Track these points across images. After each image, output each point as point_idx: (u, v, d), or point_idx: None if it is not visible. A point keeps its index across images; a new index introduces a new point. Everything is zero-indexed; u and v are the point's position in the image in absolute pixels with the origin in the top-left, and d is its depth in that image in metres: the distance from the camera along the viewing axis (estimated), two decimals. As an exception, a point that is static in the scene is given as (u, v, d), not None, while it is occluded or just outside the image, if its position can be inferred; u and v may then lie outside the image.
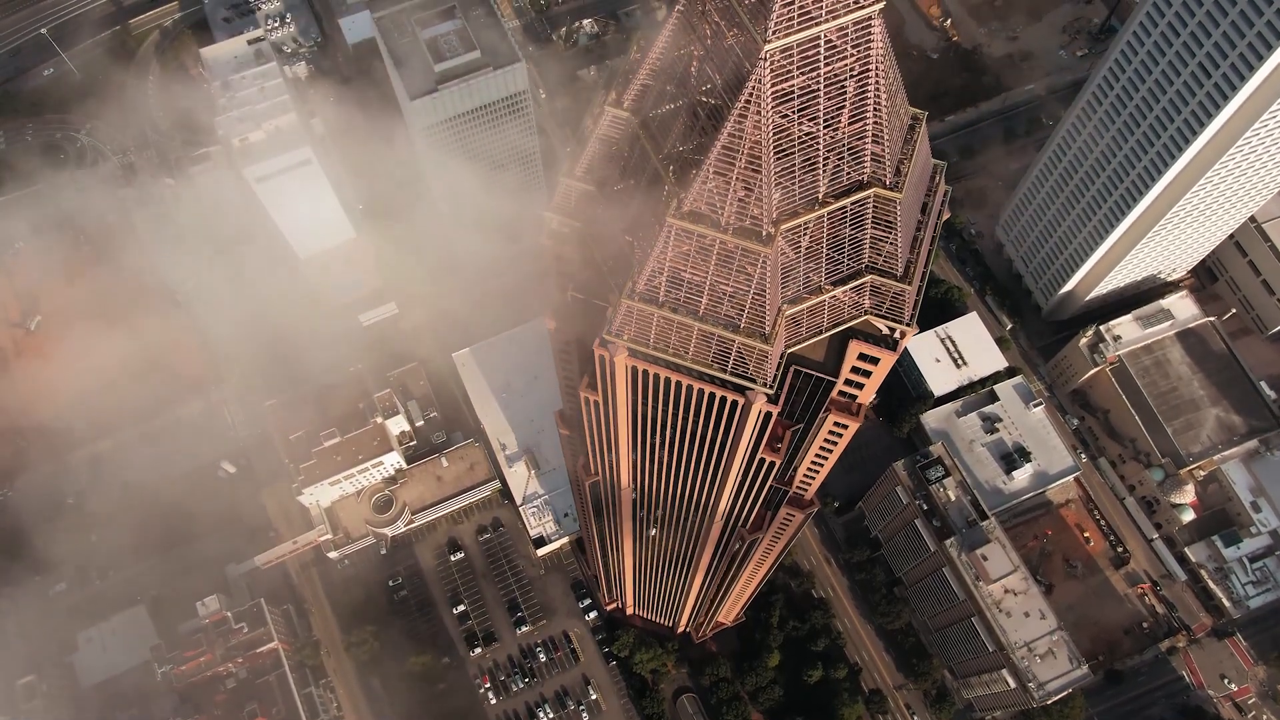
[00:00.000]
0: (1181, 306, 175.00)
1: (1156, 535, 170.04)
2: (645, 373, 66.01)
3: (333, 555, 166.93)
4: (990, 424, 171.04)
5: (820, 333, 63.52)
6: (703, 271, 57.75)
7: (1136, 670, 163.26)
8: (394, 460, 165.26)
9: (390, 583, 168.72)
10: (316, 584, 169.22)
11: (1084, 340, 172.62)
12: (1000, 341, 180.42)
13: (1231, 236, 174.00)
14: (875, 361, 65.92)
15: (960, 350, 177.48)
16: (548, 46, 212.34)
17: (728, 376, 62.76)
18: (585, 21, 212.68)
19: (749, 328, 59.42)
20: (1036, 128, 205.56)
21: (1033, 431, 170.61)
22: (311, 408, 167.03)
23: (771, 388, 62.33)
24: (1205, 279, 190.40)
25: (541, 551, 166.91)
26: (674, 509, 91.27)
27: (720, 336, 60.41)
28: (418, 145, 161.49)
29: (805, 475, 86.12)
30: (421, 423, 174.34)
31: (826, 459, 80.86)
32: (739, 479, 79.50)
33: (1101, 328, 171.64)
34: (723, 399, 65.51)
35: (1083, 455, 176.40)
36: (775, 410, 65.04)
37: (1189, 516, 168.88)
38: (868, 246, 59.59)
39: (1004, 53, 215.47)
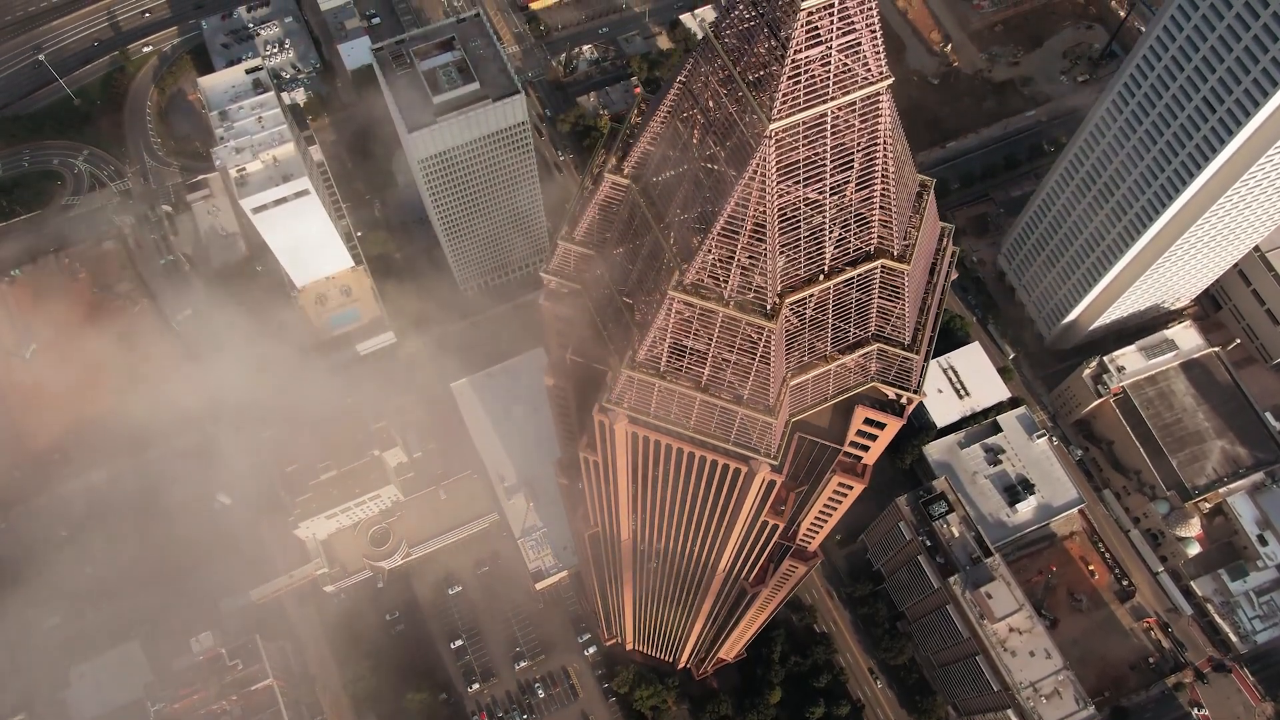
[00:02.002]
0: (1186, 337, 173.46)
1: (1162, 569, 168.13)
2: (646, 439, 64.44)
3: (329, 589, 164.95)
4: (993, 455, 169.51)
5: (826, 401, 62.00)
6: (705, 342, 56.26)
7: (1143, 706, 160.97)
8: (391, 493, 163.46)
9: (387, 617, 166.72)
10: (312, 618, 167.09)
11: (1088, 371, 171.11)
12: (1003, 371, 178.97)
13: (1235, 265, 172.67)
14: (882, 426, 64.41)
15: (963, 380, 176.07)
16: (548, 72, 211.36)
17: (730, 447, 61.19)
18: (585, 47, 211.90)
19: (752, 399, 57.90)
20: (1038, 154, 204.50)
21: (1036, 463, 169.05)
22: (308, 439, 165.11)
23: (776, 458, 60.76)
24: (1209, 307, 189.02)
25: (540, 585, 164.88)
26: (675, 562, 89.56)
27: (723, 408, 58.88)
28: (417, 175, 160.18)
29: (809, 530, 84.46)
30: (419, 454, 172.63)
31: (831, 516, 79.22)
32: (741, 539, 77.86)
33: (1105, 358, 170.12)
34: (725, 466, 63.95)
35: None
36: (779, 479, 63.44)
37: (1195, 550, 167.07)
38: (875, 315, 58.13)
39: (1005, 78, 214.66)
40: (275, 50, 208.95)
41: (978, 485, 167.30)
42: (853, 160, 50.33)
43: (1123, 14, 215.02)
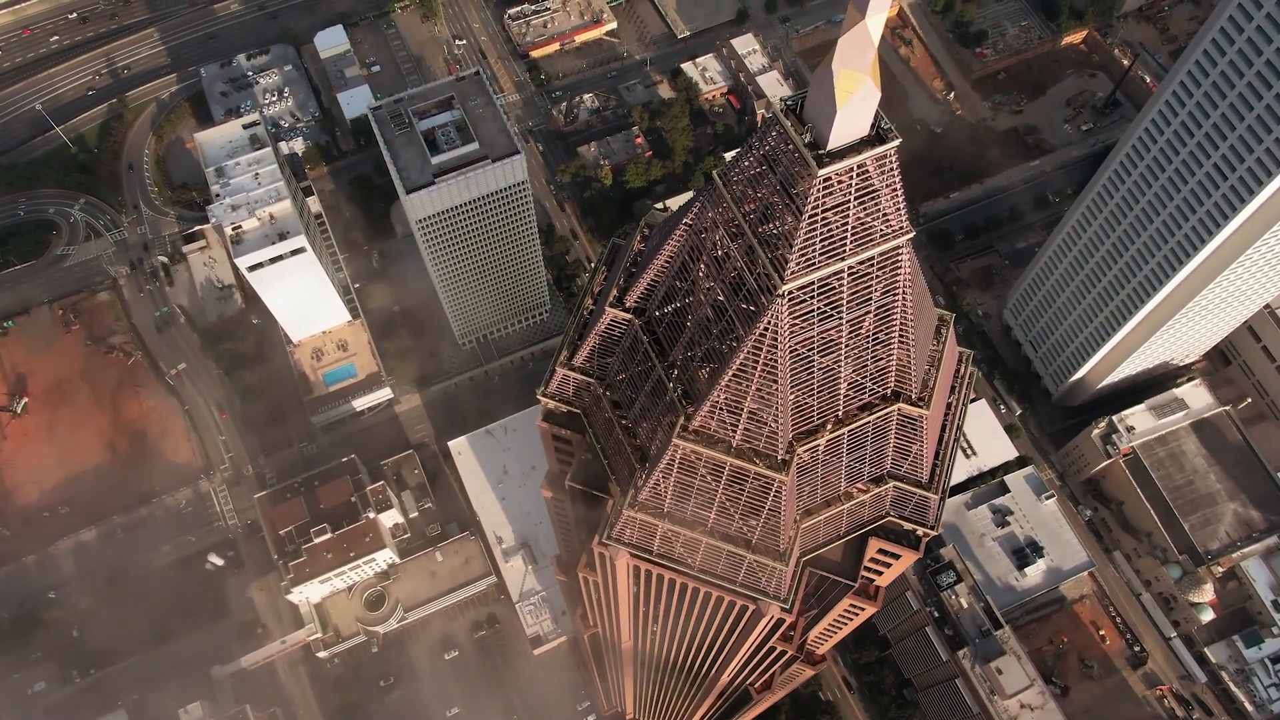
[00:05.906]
0: (1196, 396, 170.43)
1: (1174, 634, 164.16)
2: (648, 571, 61.35)
3: (322, 655, 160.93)
4: (1001, 517, 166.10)
5: (839, 538, 58.99)
6: (711, 487, 53.33)
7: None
8: (386, 556, 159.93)
9: (381, 683, 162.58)
10: (305, 685, 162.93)
11: (1097, 431, 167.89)
12: (1010, 429, 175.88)
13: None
14: (897, 556, 61.43)
15: (969, 439, 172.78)
16: (548, 121, 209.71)
17: (738, 589, 58.10)
18: (585, 96, 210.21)
19: (762, 545, 54.91)
20: (1043, 204, 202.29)
21: (1045, 524, 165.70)
22: (302, 500, 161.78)
23: (786, 600, 57.65)
24: (1218, 362, 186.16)
25: (539, 651, 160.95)
26: (677, 669, 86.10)
27: (731, 551, 55.86)
28: (416, 234, 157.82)
29: (818, 638, 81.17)
30: (416, 514, 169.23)
31: (841, 630, 76.03)
32: (746, 658, 74.57)
33: (1114, 418, 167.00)
34: (732, 602, 60.81)
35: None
36: (790, 618, 60.31)
37: (1208, 616, 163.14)
38: (891, 454, 55.24)
39: (1008, 126, 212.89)
40: (274, 99, 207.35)
41: (986, 548, 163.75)
42: (869, 308, 47.65)
43: (1126, 62, 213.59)
